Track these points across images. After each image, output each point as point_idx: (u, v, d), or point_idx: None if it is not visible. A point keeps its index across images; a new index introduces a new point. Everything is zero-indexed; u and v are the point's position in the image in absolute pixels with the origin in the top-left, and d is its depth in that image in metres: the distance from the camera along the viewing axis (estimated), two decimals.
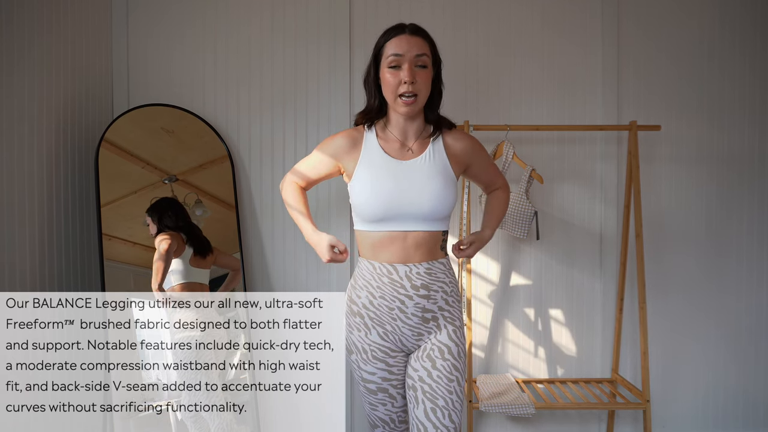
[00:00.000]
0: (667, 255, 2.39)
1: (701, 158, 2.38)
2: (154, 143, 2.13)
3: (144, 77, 2.27)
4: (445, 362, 1.39)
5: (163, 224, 2.05)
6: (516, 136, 2.30)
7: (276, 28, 2.31)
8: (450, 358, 1.39)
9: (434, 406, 1.36)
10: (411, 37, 1.36)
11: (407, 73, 1.33)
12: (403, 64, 1.34)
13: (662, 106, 2.35)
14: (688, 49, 2.36)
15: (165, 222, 2.06)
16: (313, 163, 1.52)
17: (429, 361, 1.39)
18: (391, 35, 1.38)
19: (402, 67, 1.34)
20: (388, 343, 1.42)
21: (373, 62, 1.42)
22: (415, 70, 1.35)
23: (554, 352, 2.39)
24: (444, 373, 1.38)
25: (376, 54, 1.41)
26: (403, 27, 1.38)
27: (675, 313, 2.40)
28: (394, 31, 1.38)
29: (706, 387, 2.42)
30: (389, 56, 1.35)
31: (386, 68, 1.36)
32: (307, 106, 2.32)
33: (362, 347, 1.44)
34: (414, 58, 1.34)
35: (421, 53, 1.35)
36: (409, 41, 1.35)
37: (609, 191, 2.36)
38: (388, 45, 1.36)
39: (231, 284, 2.18)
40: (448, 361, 1.39)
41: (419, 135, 1.45)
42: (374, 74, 1.42)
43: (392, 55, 1.34)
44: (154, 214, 2.07)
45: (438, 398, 1.36)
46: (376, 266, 1.41)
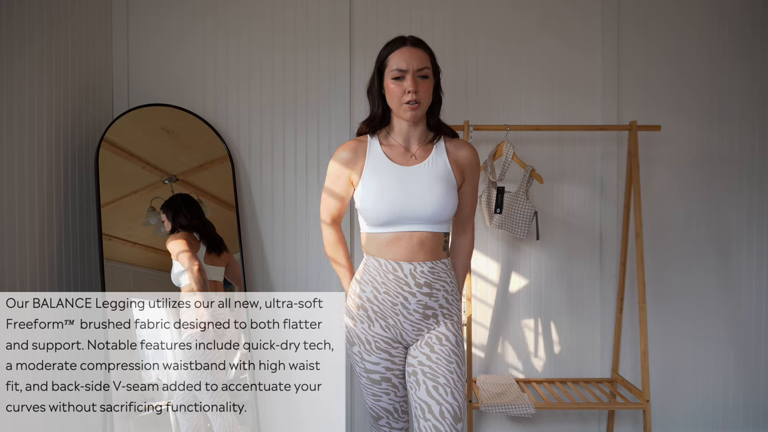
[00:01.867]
0: (667, 255, 2.40)
1: (701, 159, 2.39)
2: (154, 143, 2.13)
3: (144, 77, 2.27)
4: (443, 347, 1.44)
5: (177, 222, 2.05)
6: (516, 136, 2.31)
7: (276, 30, 2.32)
8: (448, 344, 1.45)
9: (436, 384, 1.39)
10: (413, 50, 1.44)
11: (411, 83, 1.41)
12: (406, 76, 1.43)
13: (662, 107, 2.36)
14: (687, 49, 2.37)
15: (179, 220, 2.05)
16: (333, 180, 1.55)
17: (427, 347, 1.45)
18: (393, 48, 1.46)
19: (405, 78, 1.43)
20: (390, 335, 1.48)
21: (377, 74, 1.50)
22: (417, 80, 1.43)
23: (554, 352, 2.40)
24: (443, 356, 1.43)
25: (379, 66, 1.49)
26: (404, 39, 1.47)
27: (675, 313, 2.41)
28: (396, 43, 1.46)
29: (707, 387, 2.42)
30: (393, 69, 1.44)
31: (390, 80, 1.45)
32: (307, 107, 2.33)
33: (365, 338, 1.49)
34: (416, 71, 1.43)
35: (423, 66, 1.44)
36: (411, 54, 1.43)
37: (609, 191, 2.37)
38: (392, 58, 1.45)
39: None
40: (446, 346, 1.44)
41: (421, 141, 1.52)
42: (378, 85, 1.50)
43: (396, 69, 1.43)
44: (169, 211, 2.06)
45: (439, 376, 1.40)
46: (382, 263, 1.46)
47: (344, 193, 1.56)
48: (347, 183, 1.54)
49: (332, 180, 1.55)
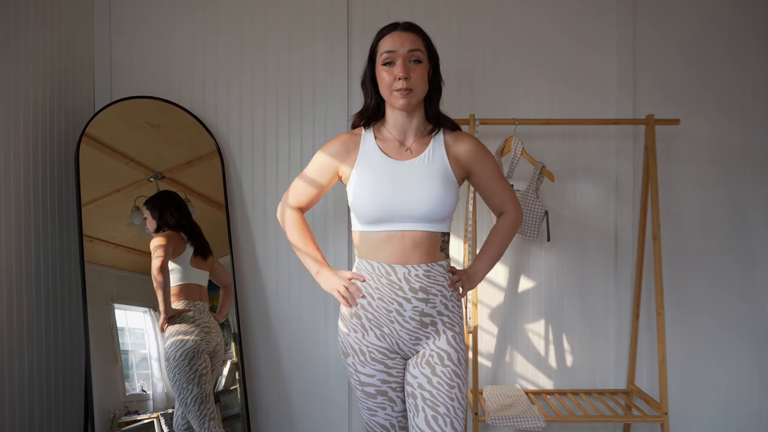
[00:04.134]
0: (686, 258, 2.35)
1: (723, 155, 2.35)
2: (138, 138, 2.11)
3: (128, 68, 2.24)
4: (445, 368, 1.41)
5: (164, 221, 2.03)
6: (525, 130, 2.27)
7: (270, 21, 2.29)
8: (450, 364, 1.41)
9: (435, 414, 1.37)
10: (403, 33, 1.43)
11: (401, 68, 1.39)
12: (396, 60, 1.41)
13: (680, 100, 2.33)
14: (706, 44, 2.34)
15: (166, 219, 2.03)
16: (317, 169, 1.54)
17: (428, 368, 1.41)
18: (384, 33, 1.45)
19: (396, 63, 1.40)
20: (385, 345, 1.44)
21: (369, 62, 1.49)
22: (409, 65, 1.41)
23: (566, 361, 2.37)
24: (444, 380, 1.39)
25: (371, 54, 1.48)
26: (396, 24, 1.46)
27: (695, 320, 2.37)
28: (388, 28, 1.45)
29: (729, 399, 2.38)
30: (383, 53, 1.42)
31: (381, 66, 1.43)
32: (302, 101, 2.30)
33: (359, 349, 1.45)
34: (407, 54, 1.40)
35: (414, 48, 1.41)
36: (401, 37, 1.42)
37: (624, 190, 2.33)
38: (382, 43, 1.44)
39: (226, 305, 2.15)
40: (448, 367, 1.41)
41: (418, 134, 1.49)
42: (371, 74, 1.49)
43: (385, 52, 1.41)
44: (155, 209, 2.04)
45: (439, 405, 1.37)
46: (374, 266, 1.44)
47: (325, 183, 1.55)
48: (332, 175, 1.53)
49: (315, 168, 1.54)
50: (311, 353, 2.29)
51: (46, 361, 1.90)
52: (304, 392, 2.30)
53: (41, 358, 1.88)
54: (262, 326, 2.29)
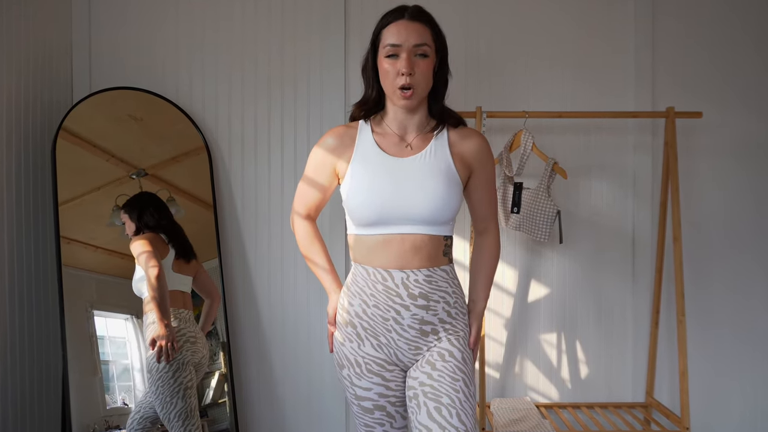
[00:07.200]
0: (708, 261, 2.34)
1: (747, 151, 2.33)
2: (119, 132, 2.10)
3: (109, 57, 2.22)
4: (447, 363, 1.36)
5: (143, 222, 2.00)
6: (536, 124, 2.24)
7: (261, 9, 2.29)
8: (452, 360, 1.37)
9: (438, 405, 1.32)
10: (410, 24, 1.37)
11: (405, 63, 1.35)
12: (401, 54, 1.36)
13: (702, 92, 2.32)
14: (728, 28, 2.33)
15: (145, 220, 2.01)
16: (315, 168, 1.50)
17: (429, 366, 1.38)
18: (389, 20, 1.40)
19: (400, 57, 1.36)
20: (382, 355, 1.41)
21: (371, 49, 1.44)
22: (414, 60, 1.37)
23: (580, 372, 2.34)
24: (446, 373, 1.35)
25: (374, 40, 1.43)
26: (403, 11, 1.39)
27: (718, 329, 2.35)
28: (393, 15, 1.40)
29: (754, 412, 2.36)
30: (386, 45, 1.38)
31: (383, 57, 1.39)
32: (296, 94, 2.29)
33: (355, 360, 1.42)
34: (413, 48, 1.36)
35: (421, 42, 1.36)
36: (408, 28, 1.36)
37: (643, 187, 2.32)
38: (386, 32, 1.39)
39: (209, 320, 2.12)
40: (450, 362, 1.37)
41: (420, 130, 1.46)
42: (372, 61, 1.44)
43: (389, 45, 1.37)
44: (133, 211, 2.02)
45: (442, 396, 1.33)
46: (369, 271, 1.40)
47: (327, 183, 1.50)
48: (331, 173, 1.48)
49: (314, 168, 1.49)
50: (306, 363, 2.28)
51: (20, 372, 1.88)
52: (298, 406, 2.28)
53: (15, 369, 1.86)
54: (253, 334, 2.27)
